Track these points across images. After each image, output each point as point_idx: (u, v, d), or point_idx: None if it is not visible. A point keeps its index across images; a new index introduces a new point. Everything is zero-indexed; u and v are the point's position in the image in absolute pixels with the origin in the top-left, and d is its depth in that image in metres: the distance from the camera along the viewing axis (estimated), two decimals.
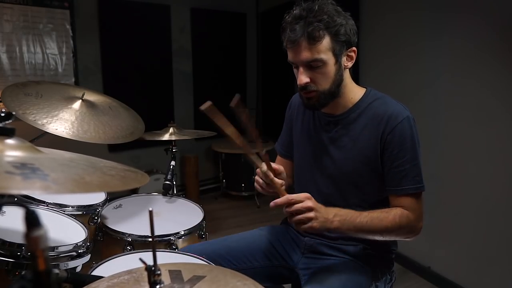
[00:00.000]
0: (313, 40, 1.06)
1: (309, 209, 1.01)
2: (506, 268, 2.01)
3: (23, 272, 0.99)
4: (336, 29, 1.07)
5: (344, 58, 1.13)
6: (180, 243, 1.48)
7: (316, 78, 1.11)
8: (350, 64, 1.16)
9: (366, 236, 1.12)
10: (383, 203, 1.19)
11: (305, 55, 1.07)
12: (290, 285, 1.39)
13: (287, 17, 1.11)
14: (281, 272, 1.32)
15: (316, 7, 1.07)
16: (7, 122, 0.69)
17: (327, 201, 1.23)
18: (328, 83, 1.12)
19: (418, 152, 1.13)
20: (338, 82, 1.14)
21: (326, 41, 1.07)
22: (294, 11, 1.10)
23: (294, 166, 1.38)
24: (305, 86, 1.11)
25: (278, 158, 1.46)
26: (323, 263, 1.23)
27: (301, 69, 1.11)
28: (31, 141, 0.78)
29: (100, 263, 1.14)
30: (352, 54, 1.15)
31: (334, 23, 1.07)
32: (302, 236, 1.32)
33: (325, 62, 1.09)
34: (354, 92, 1.20)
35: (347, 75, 1.18)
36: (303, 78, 1.10)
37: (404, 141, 1.11)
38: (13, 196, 1.18)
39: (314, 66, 1.09)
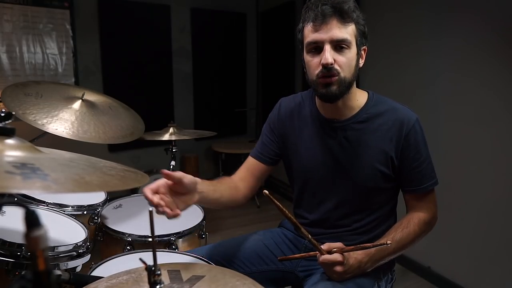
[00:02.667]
0: (345, 19, 1.04)
1: (339, 263, 1.05)
2: (506, 268, 2.01)
3: (23, 272, 0.99)
4: (359, 20, 1.08)
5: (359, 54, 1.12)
6: (180, 243, 1.48)
7: (339, 62, 1.06)
8: (361, 63, 1.14)
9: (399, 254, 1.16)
10: (387, 206, 1.22)
11: (336, 33, 1.04)
12: (290, 287, 1.39)
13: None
14: (281, 275, 1.31)
15: None
16: (7, 122, 0.69)
17: (335, 208, 1.23)
18: (349, 71, 1.08)
19: (428, 150, 1.16)
20: (355, 77, 1.11)
21: (353, 26, 1.06)
22: None
23: (294, 174, 1.31)
24: (330, 67, 1.05)
25: (250, 159, 1.33)
26: None
27: (327, 47, 1.04)
28: (31, 141, 0.78)
29: (100, 263, 1.14)
30: (363, 53, 1.13)
31: (359, 12, 1.08)
32: (301, 238, 1.31)
33: (351, 47, 1.06)
34: (358, 95, 1.18)
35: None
36: (329, 57, 1.03)
37: (418, 144, 1.14)
38: (13, 196, 1.18)
39: (341, 47, 1.05)
